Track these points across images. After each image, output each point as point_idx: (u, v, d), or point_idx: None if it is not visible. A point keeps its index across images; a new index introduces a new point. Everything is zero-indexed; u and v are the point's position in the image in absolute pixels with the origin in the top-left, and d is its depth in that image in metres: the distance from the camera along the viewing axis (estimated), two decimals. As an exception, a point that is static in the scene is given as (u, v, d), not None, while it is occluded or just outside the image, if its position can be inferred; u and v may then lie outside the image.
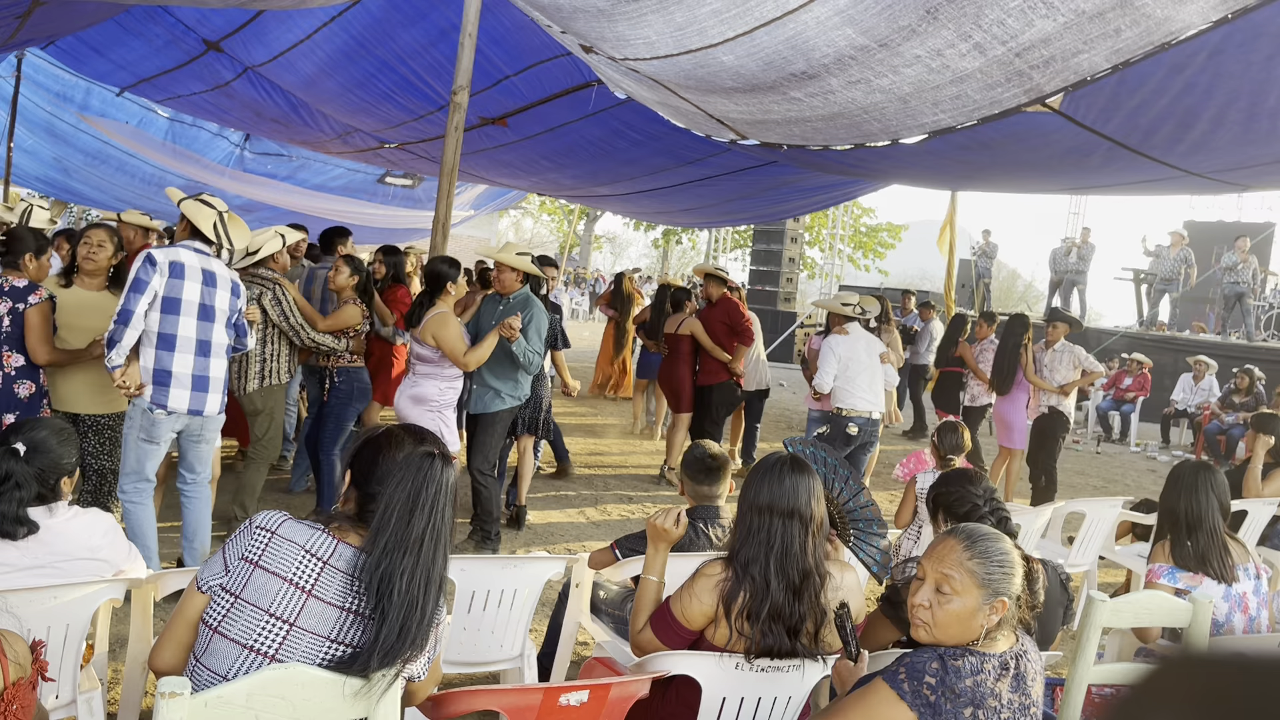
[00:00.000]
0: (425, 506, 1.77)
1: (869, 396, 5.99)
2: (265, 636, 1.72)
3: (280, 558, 1.76)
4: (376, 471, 1.84)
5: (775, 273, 18.73)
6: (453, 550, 1.87)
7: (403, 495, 1.76)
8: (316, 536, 1.80)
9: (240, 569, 1.75)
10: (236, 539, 1.80)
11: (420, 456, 1.80)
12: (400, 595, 1.73)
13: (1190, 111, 4.09)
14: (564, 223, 32.40)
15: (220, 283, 3.95)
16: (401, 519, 1.75)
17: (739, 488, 2.44)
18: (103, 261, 4.18)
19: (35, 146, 10.53)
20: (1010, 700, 1.82)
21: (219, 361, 3.96)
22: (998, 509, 2.84)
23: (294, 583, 1.75)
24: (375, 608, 1.74)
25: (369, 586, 1.75)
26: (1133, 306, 17.07)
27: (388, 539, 1.75)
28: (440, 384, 4.77)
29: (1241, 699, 0.54)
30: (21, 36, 5.93)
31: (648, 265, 41.45)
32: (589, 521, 6.02)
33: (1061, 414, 6.94)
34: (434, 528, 1.78)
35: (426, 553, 1.77)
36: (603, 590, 3.46)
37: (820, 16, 3.48)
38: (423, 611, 1.76)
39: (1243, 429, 9.97)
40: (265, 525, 1.79)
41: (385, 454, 1.85)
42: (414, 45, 6.18)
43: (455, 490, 1.84)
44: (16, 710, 1.56)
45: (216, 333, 3.93)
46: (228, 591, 1.75)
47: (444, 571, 1.82)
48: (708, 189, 8.79)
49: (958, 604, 1.88)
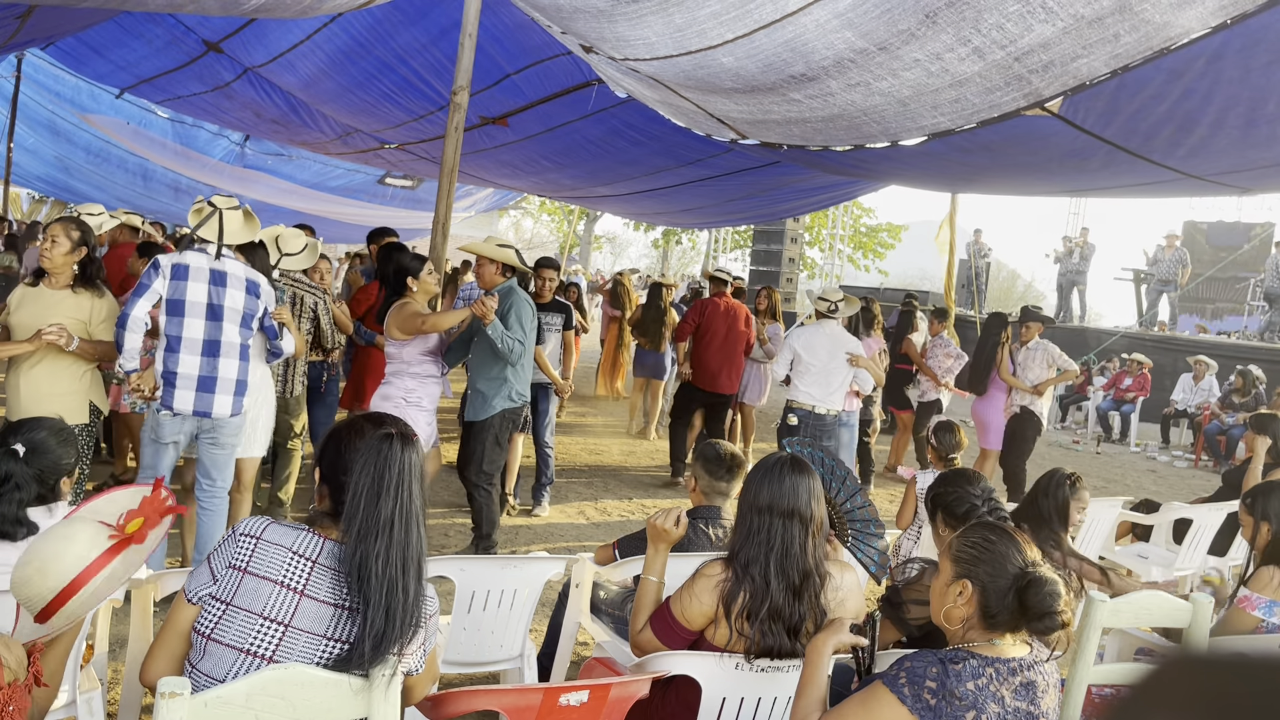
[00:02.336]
0: (390, 488, 1.77)
1: (815, 391, 5.97)
2: (261, 639, 1.72)
3: (269, 562, 1.76)
4: (341, 462, 1.83)
5: (775, 273, 18.72)
6: (427, 529, 1.86)
7: (367, 480, 1.76)
8: (302, 537, 1.80)
9: (229, 577, 1.75)
10: (222, 548, 1.79)
11: (379, 439, 1.80)
12: (378, 578, 1.73)
13: (1190, 116, 4.09)
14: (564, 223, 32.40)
15: (232, 282, 3.90)
16: (370, 503, 1.75)
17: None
18: (58, 258, 3.87)
19: (37, 145, 10.54)
20: (1016, 708, 1.80)
21: (230, 362, 3.90)
22: (996, 509, 2.85)
23: (285, 585, 1.75)
24: (359, 595, 1.74)
25: (349, 575, 1.75)
26: (1133, 306, 17.10)
27: (358, 525, 1.75)
28: (409, 382, 4.59)
29: (1242, 699, 0.54)
30: (22, 37, 5.93)
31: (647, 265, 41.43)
32: (589, 522, 6.02)
33: (1034, 415, 6.92)
34: (402, 507, 1.77)
35: (398, 533, 1.76)
36: (603, 590, 3.46)
37: (820, 19, 3.48)
38: (405, 591, 1.76)
39: (1243, 429, 9.98)
40: (250, 532, 1.79)
41: (348, 444, 1.84)
42: (414, 45, 6.18)
43: (421, 469, 1.83)
44: (13, 712, 1.56)
45: (227, 333, 3.89)
46: (218, 600, 1.74)
47: (421, 550, 1.81)
48: (708, 189, 8.80)
49: (939, 580, 1.97)
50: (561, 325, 6.13)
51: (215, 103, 8.34)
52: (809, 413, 6.01)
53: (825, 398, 5.99)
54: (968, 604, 1.90)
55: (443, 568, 2.90)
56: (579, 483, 6.99)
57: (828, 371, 5.99)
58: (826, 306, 6.15)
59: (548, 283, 6.04)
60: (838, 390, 6.03)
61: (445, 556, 3.41)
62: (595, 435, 9.01)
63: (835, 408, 6.03)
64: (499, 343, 4.56)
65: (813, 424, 6.01)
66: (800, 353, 6.03)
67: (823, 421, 5.99)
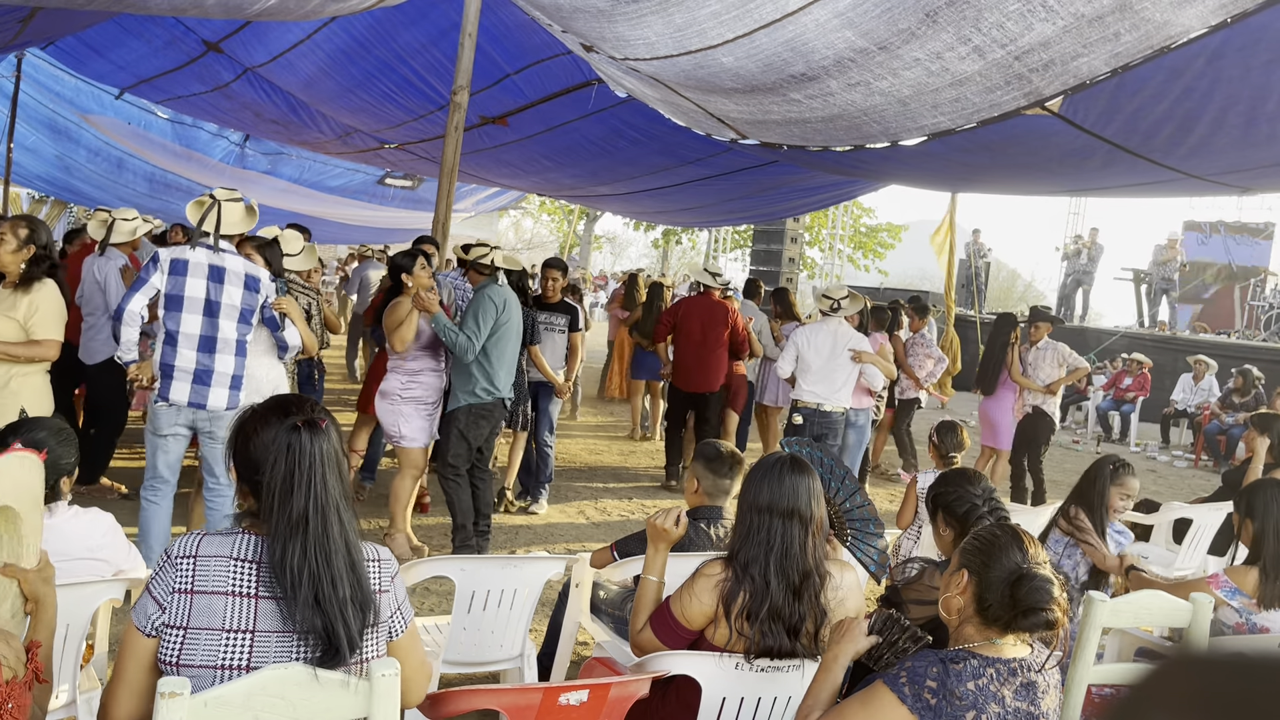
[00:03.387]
0: (301, 483, 1.69)
1: (819, 389, 5.98)
2: (231, 652, 1.67)
3: (213, 576, 1.68)
4: (250, 458, 1.74)
5: (775, 273, 18.69)
6: (351, 513, 1.77)
7: (278, 477, 1.69)
8: (238, 541, 1.72)
9: (176, 602, 1.67)
10: (159, 575, 1.70)
11: (286, 431, 1.71)
12: (294, 573, 1.67)
13: (1190, 115, 4.09)
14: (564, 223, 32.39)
15: (230, 278, 3.92)
16: (283, 502, 1.68)
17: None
18: (5, 257, 3.76)
19: (37, 144, 10.53)
20: (1017, 708, 1.80)
21: (227, 357, 3.93)
22: (996, 509, 2.83)
23: (237, 593, 1.68)
24: (282, 591, 1.68)
25: (271, 574, 1.68)
26: (1133, 306, 17.12)
27: (273, 525, 1.69)
28: (402, 378, 4.73)
29: (1241, 699, 0.54)
30: (23, 39, 5.94)
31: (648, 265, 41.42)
32: (589, 522, 6.02)
33: (1046, 416, 6.91)
34: (316, 501, 1.69)
35: (315, 529, 1.69)
36: (603, 590, 3.46)
37: (820, 19, 3.48)
38: (332, 582, 1.69)
39: (1243, 429, 9.98)
40: (184, 553, 1.70)
41: (254, 438, 1.75)
42: (414, 45, 6.18)
43: (335, 455, 1.74)
44: (12, 710, 1.56)
45: (224, 329, 3.91)
46: (173, 627, 1.67)
47: (345, 539, 1.73)
48: (708, 188, 8.80)
49: (948, 571, 2.01)
50: (567, 325, 6.15)
51: (215, 102, 8.34)
52: (814, 411, 6.01)
53: (830, 395, 5.99)
54: (963, 594, 1.91)
55: (443, 568, 2.90)
56: (579, 483, 6.99)
57: (830, 369, 5.99)
58: (829, 305, 6.16)
59: (552, 283, 6.10)
60: (843, 387, 6.03)
61: (445, 557, 3.42)
62: (595, 435, 9.01)
63: (841, 405, 6.04)
64: (441, 335, 4.62)
65: (818, 422, 6.01)
66: (802, 351, 6.04)
67: (828, 419, 6.00)
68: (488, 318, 4.71)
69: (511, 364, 4.97)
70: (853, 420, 6.31)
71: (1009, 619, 1.86)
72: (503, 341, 4.82)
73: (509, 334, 4.86)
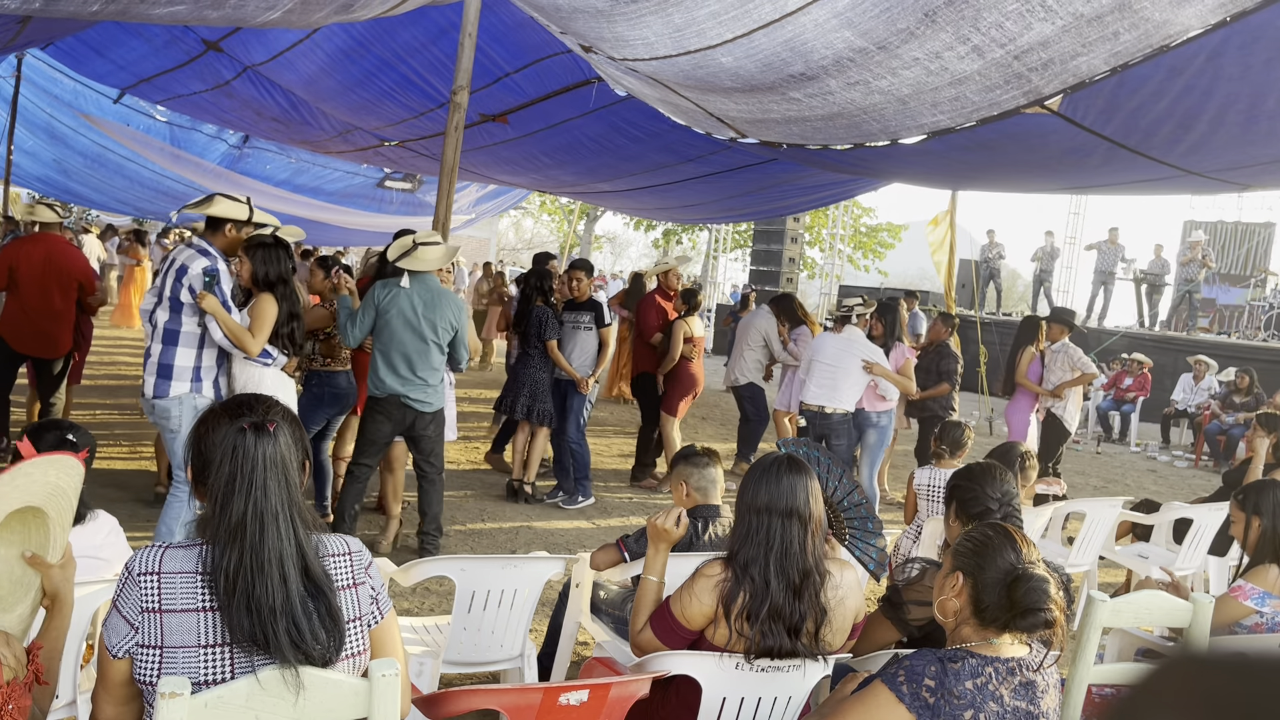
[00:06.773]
0: (241, 488, 1.62)
1: (820, 391, 6.06)
2: (211, 666, 1.63)
3: (179, 594, 1.62)
4: (203, 458, 1.67)
5: (775, 273, 18.72)
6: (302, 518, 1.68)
7: (221, 480, 1.63)
8: (202, 553, 1.66)
9: (146, 621, 1.61)
10: (124, 594, 1.63)
11: (235, 433, 1.65)
12: (229, 580, 1.60)
13: (1189, 113, 4.09)
14: (564, 223, 32.38)
15: (175, 268, 4.04)
16: (224, 506, 1.62)
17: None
18: None
19: (35, 148, 10.55)
20: (1015, 707, 1.80)
21: (155, 344, 4.05)
22: (1011, 515, 2.78)
23: (207, 608, 1.63)
24: (219, 604, 1.61)
25: (206, 578, 1.62)
26: (1133, 307, 17.13)
27: (215, 529, 1.62)
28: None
29: (1240, 699, 0.54)
30: (22, 39, 5.94)
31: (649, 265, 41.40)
32: (589, 522, 6.03)
33: (1057, 419, 6.91)
34: (255, 507, 1.62)
35: (251, 537, 1.61)
36: (603, 590, 3.46)
37: (819, 19, 3.48)
38: (269, 590, 1.60)
39: (1243, 429, 9.98)
40: (147, 570, 1.63)
41: (205, 439, 1.68)
42: (414, 43, 6.18)
43: (283, 459, 1.66)
44: (12, 711, 1.55)
45: (158, 317, 4.04)
46: (147, 647, 1.62)
47: (284, 548, 1.64)
48: (708, 186, 8.81)
49: (941, 573, 2.02)
50: (593, 322, 6.25)
51: (215, 101, 8.33)
52: (816, 412, 6.07)
53: (831, 397, 6.03)
54: (959, 595, 1.91)
55: (443, 568, 2.90)
56: (579, 482, 6.99)
57: (834, 372, 6.04)
58: (841, 314, 6.24)
59: (577, 283, 6.29)
60: (846, 391, 6.05)
61: (445, 557, 3.42)
62: (595, 435, 9.00)
63: (843, 407, 6.07)
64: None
65: (819, 423, 6.06)
66: (812, 355, 6.21)
67: (829, 421, 6.03)
68: (366, 311, 4.64)
69: (407, 361, 4.64)
70: (874, 421, 6.34)
71: (1007, 620, 1.86)
72: (385, 334, 4.61)
73: (393, 328, 4.61)
